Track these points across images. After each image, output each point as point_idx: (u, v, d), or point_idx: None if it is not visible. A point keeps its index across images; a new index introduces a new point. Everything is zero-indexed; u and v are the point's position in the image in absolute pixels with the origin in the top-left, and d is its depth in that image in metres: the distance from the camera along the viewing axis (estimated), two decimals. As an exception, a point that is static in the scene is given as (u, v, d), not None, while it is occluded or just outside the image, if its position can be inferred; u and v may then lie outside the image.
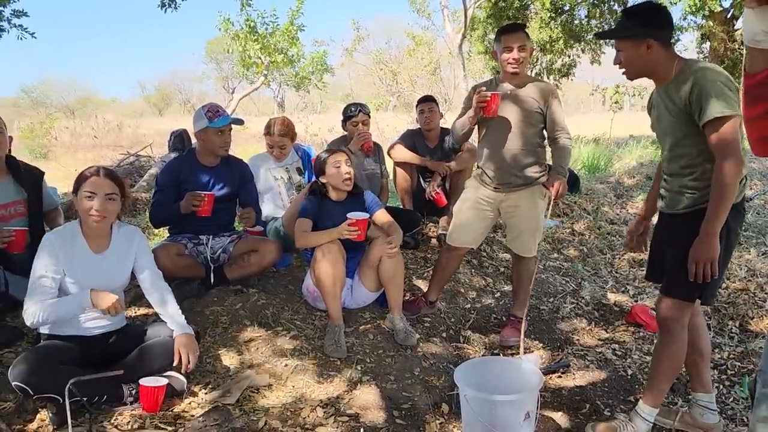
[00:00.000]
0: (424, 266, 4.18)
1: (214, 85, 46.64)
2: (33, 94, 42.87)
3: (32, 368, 2.26)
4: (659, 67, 2.34)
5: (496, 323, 3.72)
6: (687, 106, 2.23)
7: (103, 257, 2.53)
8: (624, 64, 2.38)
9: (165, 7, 6.76)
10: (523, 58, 3.16)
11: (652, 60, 2.32)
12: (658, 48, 2.30)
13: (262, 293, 3.38)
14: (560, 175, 3.20)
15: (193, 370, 2.63)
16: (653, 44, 2.29)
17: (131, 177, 7.93)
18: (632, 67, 2.38)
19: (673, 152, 2.40)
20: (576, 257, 4.86)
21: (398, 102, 25.05)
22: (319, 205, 3.25)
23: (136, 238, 2.66)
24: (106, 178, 2.47)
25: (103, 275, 2.51)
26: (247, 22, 14.44)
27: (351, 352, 2.96)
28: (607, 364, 3.29)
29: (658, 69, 2.35)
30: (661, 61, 2.32)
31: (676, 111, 2.29)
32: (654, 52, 2.31)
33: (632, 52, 2.34)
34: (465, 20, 14.44)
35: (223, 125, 3.30)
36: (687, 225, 2.34)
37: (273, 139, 3.91)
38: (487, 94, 3.08)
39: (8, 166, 3.05)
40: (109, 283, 2.54)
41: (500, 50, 3.19)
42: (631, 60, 2.36)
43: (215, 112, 3.33)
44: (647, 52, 2.31)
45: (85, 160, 12.72)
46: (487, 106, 3.09)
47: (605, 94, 16.04)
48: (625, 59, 2.37)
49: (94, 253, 2.51)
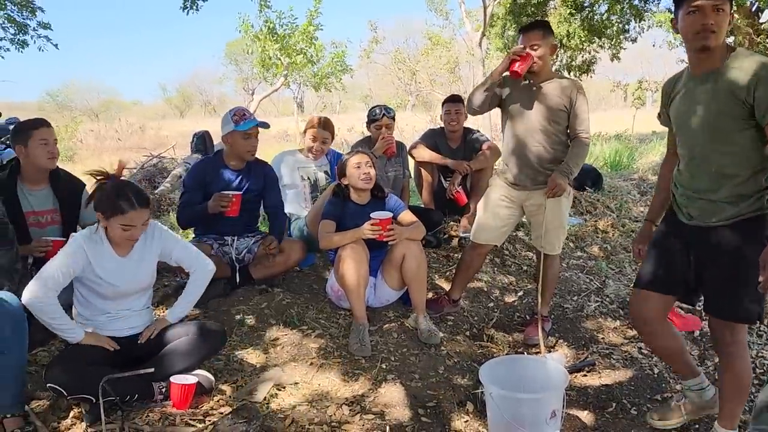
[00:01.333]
0: (446, 265, 4.18)
1: (234, 86, 47.01)
2: (58, 97, 43.70)
3: (66, 370, 2.32)
4: (723, 41, 2.09)
5: (519, 322, 3.71)
6: (747, 101, 2.01)
7: (127, 260, 2.55)
8: (717, 27, 2.06)
9: (187, 9, 6.86)
10: (540, 57, 3.12)
11: (726, 30, 2.08)
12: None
13: (287, 293, 3.41)
14: (563, 173, 3.10)
15: (221, 368, 2.67)
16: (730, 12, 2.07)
17: (155, 178, 8.02)
18: (721, 34, 2.08)
19: (714, 152, 2.17)
20: (600, 255, 4.82)
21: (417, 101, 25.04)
22: (342, 207, 3.27)
23: (156, 233, 2.64)
24: (143, 209, 2.44)
25: (127, 276, 2.55)
26: (266, 24, 14.54)
27: (375, 351, 2.98)
28: (632, 362, 3.27)
29: (721, 43, 2.09)
30: (725, 35, 2.08)
31: (730, 104, 2.05)
32: (728, 20, 2.07)
33: (725, 16, 2.06)
34: (484, 17, 14.39)
35: (249, 128, 3.34)
36: (732, 238, 2.14)
37: (316, 132, 3.92)
38: (522, 48, 3.07)
39: (50, 174, 3.11)
40: (133, 284, 2.58)
41: (521, 42, 3.17)
42: (723, 24, 2.06)
43: (242, 116, 3.37)
44: (730, 18, 2.07)
45: (109, 162, 12.87)
46: (522, 60, 3.04)
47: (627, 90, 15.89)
48: (720, 21, 2.06)
49: (118, 256, 2.54)
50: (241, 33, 15.10)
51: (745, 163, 2.12)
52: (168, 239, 2.68)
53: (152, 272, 2.68)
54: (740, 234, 2.13)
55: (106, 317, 2.59)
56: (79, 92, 46.28)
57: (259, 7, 14.30)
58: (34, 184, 3.05)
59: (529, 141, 3.20)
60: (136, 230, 2.46)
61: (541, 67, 3.16)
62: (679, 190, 2.33)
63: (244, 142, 3.36)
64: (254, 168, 3.50)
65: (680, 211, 2.34)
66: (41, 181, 3.07)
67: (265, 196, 3.53)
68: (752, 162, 2.11)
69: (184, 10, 6.85)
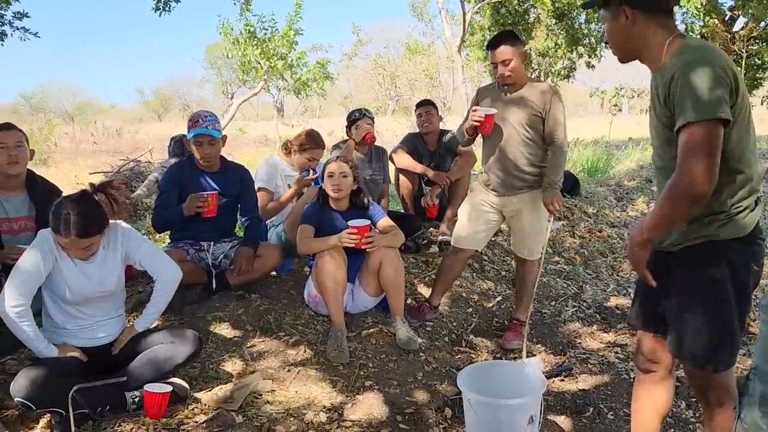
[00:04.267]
0: (425, 270, 4.18)
1: (213, 90, 46.72)
2: (32, 100, 42.95)
3: (34, 383, 2.23)
4: (646, 45, 1.85)
5: (498, 327, 3.72)
6: (669, 104, 1.74)
7: (88, 264, 2.48)
8: (607, 39, 1.95)
9: (159, 10, 6.79)
10: (512, 70, 3.14)
11: (635, 35, 1.84)
12: (643, 20, 1.82)
13: (264, 298, 3.38)
14: (553, 188, 3.18)
15: (196, 376, 2.62)
16: (633, 14, 1.82)
17: (131, 182, 7.92)
18: (614, 44, 1.93)
19: (658, 162, 1.94)
20: (577, 260, 4.86)
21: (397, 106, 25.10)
22: (321, 212, 3.25)
23: (119, 235, 2.55)
24: (79, 238, 2.32)
25: (91, 279, 2.48)
26: (246, 27, 14.46)
27: (353, 357, 2.96)
28: (609, 367, 3.29)
29: (645, 48, 1.86)
30: (646, 37, 1.83)
31: (660, 110, 1.80)
32: (637, 25, 1.83)
33: (611, 24, 1.89)
34: (464, 25, 14.48)
35: (192, 136, 3.24)
36: (680, 266, 1.87)
37: (315, 152, 3.79)
38: (482, 114, 3.10)
39: (27, 181, 3.03)
40: (98, 287, 2.50)
41: (489, 61, 3.20)
42: (612, 34, 1.91)
43: (195, 122, 3.26)
44: (627, 24, 1.84)
45: (85, 166, 12.71)
46: (481, 125, 3.13)
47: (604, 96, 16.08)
48: (607, 33, 1.93)
49: (80, 259, 2.46)
50: (222, 36, 15.00)
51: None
52: (133, 241, 2.59)
53: (118, 276, 2.58)
54: (688, 263, 1.86)
55: (74, 325, 2.52)
56: (55, 95, 45.59)
57: (240, 10, 14.22)
58: (8, 190, 2.97)
59: (507, 148, 3.22)
60: (75, 252, 2.38)
61: (516, 78, 3.18)
62: None
63: (195, 149, 3.28)
64: (230, 171, 3.46)
65: None
66: (16, 188, 2.99)
67: (241, 201, 3.48)
68: None
69: (156, 11, 6.76)
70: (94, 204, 2.42)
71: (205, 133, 3.24)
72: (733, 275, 1.82)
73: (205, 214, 3.21)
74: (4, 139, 2.87)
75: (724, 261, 1.81)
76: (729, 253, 1.81)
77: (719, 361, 1.87)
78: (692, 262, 1.85)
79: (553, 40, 13.99)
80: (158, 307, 2.68)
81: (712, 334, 1.84)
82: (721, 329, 1.83)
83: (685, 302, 1.88)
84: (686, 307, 1.88)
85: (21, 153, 2.91)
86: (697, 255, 1.84)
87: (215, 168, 3.39)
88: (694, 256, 1.85)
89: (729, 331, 1.84)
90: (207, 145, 3.27)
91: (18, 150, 2.89)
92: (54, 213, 2.33)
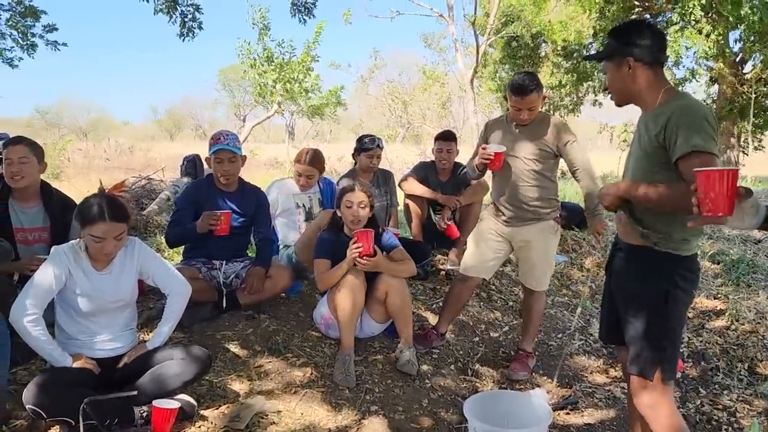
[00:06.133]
0: (433, 297, 4.20)
1: (226, 111, 47.31)
2: (47, 114, 43.58)
3: (46, 391, 2.27)
4: (643, 91, 2.15)
5: (504, 357, 3.72)
6: (659, 137, 2.02)
7: (105, 275, 2.54)
8: (609, 86, 2.25)
9: (183, 36, 6.97)
10: (531, 114, 3.21)
11: (635, 83, 2.14)
12: (642, 70, 2.12)
13: (273, 319, 3.40)
14: (596, 214, 3.26)
15: (203, 393, 2.64)
16: (634, 64, 2.11)
17: (142, 200, 7.98)
18: (615, 90, 2.22)
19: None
20: (585, 294, 4.86)
21: (408, 134, 25.31)
22: (335, 240, 3.25)
23: (136, 250, 2.64)
24: (114, 222, 2.41)
25: (106, 291, 2.53)
26: (264, 52, 14.72)
27: (360, 381, 2.97)
28: (615, 402, 3.28)
29: (642, 93, 2.15)
30: (645, 85, 2.13)
31: (647, 143, 2.09)
32: (637, 74, 2.12)
33: (614, 73, 2.18)
34: (477, 56, 14.68)
35: (213, 152, 3.34)
36: (623, 268, 2.20)
37: (302, 167, 3.93)
38: (492, 152, 3.16)
39: (42, 192, 3.10)
40: (112, 299, 2.55)
41: (511, 103, 3.24)
42: (614, 81, 2.20)
43: (216, 139, 3.38)
44: (629, 73, 2.13)
45: (96, 182, 12.81)
46: (491, 162, 3.19)
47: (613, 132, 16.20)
48: (609, 81, 2.22)
49: (96, 271, 2.53)
50: (240, 58, 15.23)
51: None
52: (148, 257, 2.67)
53: (132, 288, 2.65)
54: (631, 265, 2.17)
55: (87, 337, 2.56)
56: (71, 110, 46.27)
57: (258, 35, 14.49)
58: (23, 201, 3.04)
59: (517, 182, 3.27)
60: (108, 244, 2.43)
61: (533, 118, 3.24)
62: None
63: (216, 166, 3.38)
64: (247, 193, 3.52)
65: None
66: (30, 199, 3.06)
67: (255, 222, 3.54)
68: None
69: (180, 37, 6.96)
70: (114, 196, 2.54)
71: (226, 148, 3.33)
72: (673, 292, 2.08)
73: (218, 233, 3.25)
74: (9, 155, 2.96)
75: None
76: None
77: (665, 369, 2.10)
78: (635, 264, 2.16)
79: (557, 78, 14.16)
80: (169, 323, 2.72)
81: (664, 346, 2.10)
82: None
83: (628, 304, 2.17)
84: (628, 310, 2.17)
85: (25, 168, 2.97)
86: (637, 258, 2.15)
87: (233, 188, 3.46)
88: (635, 259, 2.16)
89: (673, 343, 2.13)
90: (227, 162, 3.35)
91: (21, 165, 2.96)
92: (83, 208, 2.42)
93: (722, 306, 4.57)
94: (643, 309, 2.10)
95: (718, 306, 4.61)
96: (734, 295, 4.72)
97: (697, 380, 3.61)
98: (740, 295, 4.76)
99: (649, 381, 2.08)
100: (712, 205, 1.60)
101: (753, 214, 1.64)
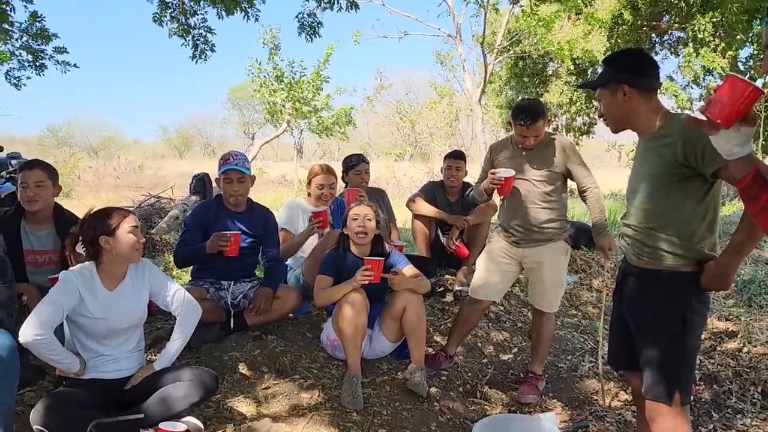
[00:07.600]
0: (441, 318, 4.17)
1: (235, 130, 47.67)
2: (58, 133, 44.06)
3: (53, 412, 2.27)
4: (639, 117, 2.17)
5: (513, 379, 3.68)
6: (678, 157, 2.02)
7: (117, 294, 2.55)
8: (604, 113, 2.25)
9: (196, 58, 7.06)
10: (537, 139, 3.23)
11: (631, 109, 2.16)
12: (637, 96, 2.14)
13: (280, 340, 3.39)
14: (603, 232, 3.32)
15: (210, 416, 2.62)
16: (629, 91, 2.13)
17: (151, 218, 8.03)
18: (611, 117, 2.23)
19: (646, 208, 2.20)
20: (594, 314, 4.82)
21: (415, 152, 25.38)
22: (340, 259, 3.25)
23: (147, 270, 2.68)
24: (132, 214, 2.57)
25: (118, 310, 2.54)
26: (274, 71, 14.89)
27: (367, 404, 2.94)
28: (627, 426, 3.23)
29: (638, 119, 2.18)
30: (640, 110, 2.15)
31: (659, 164, 2.10)
32: (632, 101, 2.14)
33: (609, 100, 2.19)
34: (485, 76, 14.75)
35: (222, 172, 3.37)
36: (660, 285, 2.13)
37: (323, 178, 3.95)
38: (501, 177, 3.17)
39: (54, 215, 3.12)
40: (124, 318, 2.56)
41: (516, 131, 3.26)
42: (609, 109, 2.21)
43: (226, 159, 3.42)
44: (624, 100, 2.15)
45: (107, 200, 12.96)
46: (500, 187, 3.21)
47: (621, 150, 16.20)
48: (604, 108, 2.23)
49: (108, 290, 2.54)
50: (250, 77, 15.42)
51: (679, 219, 2.13)
52: (158, 278, 2.70)
53: (143, 308, 2.66)
54: (645, 289, 2.17)
55: (95, 357, 2.55)
56: (83, 129, 46.76)
57: (269, 55, 14.68)
58: (35, 224, 3.07)
59: (526, 204, 3.27)
60: (138, 231, 2.52)
61: (538, 142, 3.26)
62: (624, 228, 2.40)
63: (225, 186, 3.41)
64: (255, 213, 3.53)
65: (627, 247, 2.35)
66: (43, 222, 3.09)
67: (263, 242, 3.54)
68: (685, 218, 2.12)
69: (193, 59, 7.06)
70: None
71: (235, 168, 3.36)
72: (691, 316, 2.07)
73: (228, 254, 3.26)
74: (25, 179, 3.02)
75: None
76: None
77: (680, 397, 2.07)
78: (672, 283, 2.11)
79: (567, 96, 14.20)
80: (177, 344, 2.71)
81: (680, 370, 2.09)
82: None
83: (644, 325, 2.17)
84: (646, 333, 2.16)
85: (40, 192, 3.03)
86: (655, 278, 2.14)
87: (242, 208, 3.47)
88: (654, 280, 2.15)
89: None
90: (236, 182, 3.38)
91: (38, 189, 3.02)
92: (101, 215, 2.55)
93: (734, 328, 4.51)
94: (661, 334, 2.08)
95: (730, 327, 4.55)
96: (746, 316, 4.65)
97: (710, 404, 3.55)
98: (752, 316, 4.70)
99: (668, 406, 2.05)
100: (718, 110, 1.53)
101: (742, 143, 1.55)
